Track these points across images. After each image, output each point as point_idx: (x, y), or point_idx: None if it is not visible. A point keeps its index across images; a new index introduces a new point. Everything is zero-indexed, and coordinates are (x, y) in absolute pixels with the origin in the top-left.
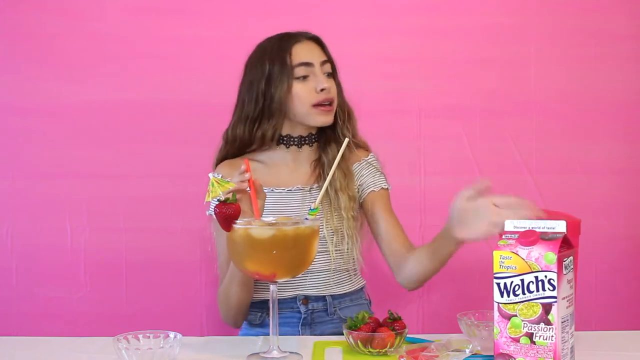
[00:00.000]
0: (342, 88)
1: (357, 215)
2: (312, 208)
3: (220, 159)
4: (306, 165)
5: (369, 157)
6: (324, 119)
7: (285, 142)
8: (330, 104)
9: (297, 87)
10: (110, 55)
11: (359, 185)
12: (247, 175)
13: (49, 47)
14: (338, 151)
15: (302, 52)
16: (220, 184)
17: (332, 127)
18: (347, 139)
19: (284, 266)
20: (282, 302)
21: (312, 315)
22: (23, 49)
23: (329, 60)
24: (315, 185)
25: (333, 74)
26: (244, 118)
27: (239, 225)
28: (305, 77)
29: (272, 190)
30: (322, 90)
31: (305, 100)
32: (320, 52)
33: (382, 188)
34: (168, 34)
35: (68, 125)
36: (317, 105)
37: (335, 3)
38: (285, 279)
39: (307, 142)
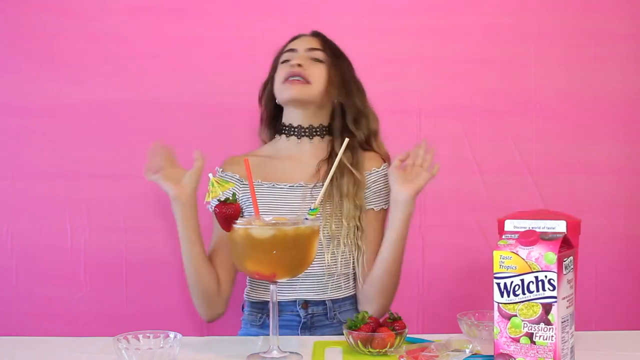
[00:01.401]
0: (355, 87)
1: (362, 226)
2: (312, 208)
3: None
4: (310, 161)
5: (381, 167)
6: (289, 92)
7: (285, 131)
8: (302, 79)
9: (278, 70)
10: (110, 55)
11: (365, 195)
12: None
13: (49, 47)
14: (343, 151)
15: (293, 43)
16: (220, 184)
17: (331, 125)
18: (346, 140)
19: (284, 266)
20: (282, 306)
21: (312, 319)
22: (23, 49)
23: (323, 49)
24: (320, 183)
25: (327, 62)
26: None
27: (239, 225)
28: (287, 61)
29: (274, 185)
30: (292, 66)
31: (278, 79)
32: (313, 42)
33: (383, 209)
34: (168, 34)
35: (68, 125)
36: (285, 81)
37: (335, 3)
38: (285, 279)
39: (306, 134)
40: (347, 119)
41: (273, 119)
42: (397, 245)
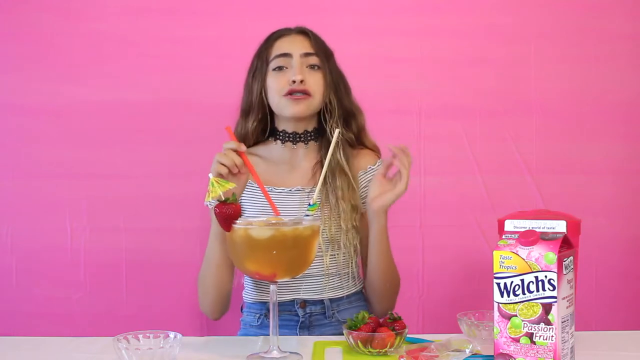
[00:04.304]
0: (342, 85)
1: (359, 226)
2: (310, 204)
3: None
4: (305, 165)
5: (376, 164)
6: (293, 109)
7: (280, 137)
8: (305, 94)
9: (271, 79)
10: (110, 55)
11: (362, 194)
12: (243, 148)
13: (49, 47)
14: (336, 152)
15: (282, 45)
16: (220, 184)
17: (324, 126)
18: (337, 130)
19: (284, 266)
20: (280, 306)
21: (310, 319)
22: (23, 49)
23: (317, 53)
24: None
25: (323, 68)
26: (241, 113)
27: (239, 225)
28: (280, 68)
29: (272, 190)
30: (294, 82)
31: (276, 91)
32: (306, 45)
33: None
34: (168, 34)
35: (68, 125)
36: (287, 95)
37: (335, 3)
38: (285, 279)
39: (302, 139)
40: (338, 120)
41: (263, 120)
42: (383, 255)
